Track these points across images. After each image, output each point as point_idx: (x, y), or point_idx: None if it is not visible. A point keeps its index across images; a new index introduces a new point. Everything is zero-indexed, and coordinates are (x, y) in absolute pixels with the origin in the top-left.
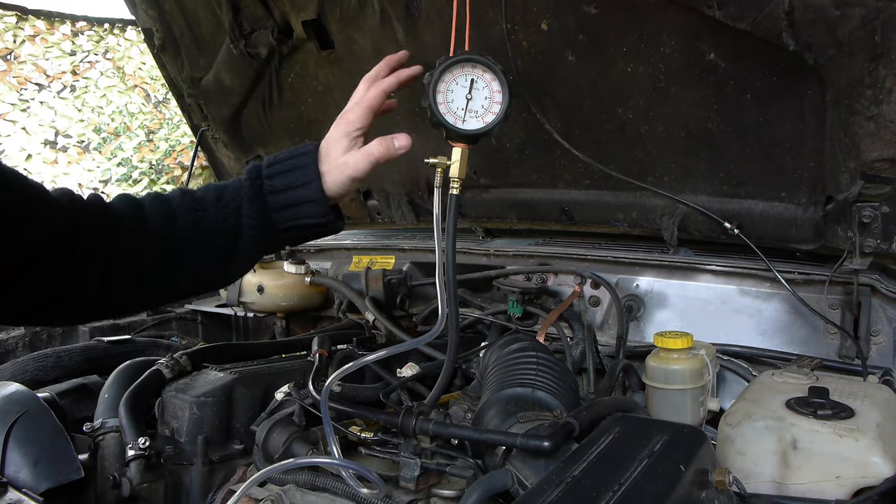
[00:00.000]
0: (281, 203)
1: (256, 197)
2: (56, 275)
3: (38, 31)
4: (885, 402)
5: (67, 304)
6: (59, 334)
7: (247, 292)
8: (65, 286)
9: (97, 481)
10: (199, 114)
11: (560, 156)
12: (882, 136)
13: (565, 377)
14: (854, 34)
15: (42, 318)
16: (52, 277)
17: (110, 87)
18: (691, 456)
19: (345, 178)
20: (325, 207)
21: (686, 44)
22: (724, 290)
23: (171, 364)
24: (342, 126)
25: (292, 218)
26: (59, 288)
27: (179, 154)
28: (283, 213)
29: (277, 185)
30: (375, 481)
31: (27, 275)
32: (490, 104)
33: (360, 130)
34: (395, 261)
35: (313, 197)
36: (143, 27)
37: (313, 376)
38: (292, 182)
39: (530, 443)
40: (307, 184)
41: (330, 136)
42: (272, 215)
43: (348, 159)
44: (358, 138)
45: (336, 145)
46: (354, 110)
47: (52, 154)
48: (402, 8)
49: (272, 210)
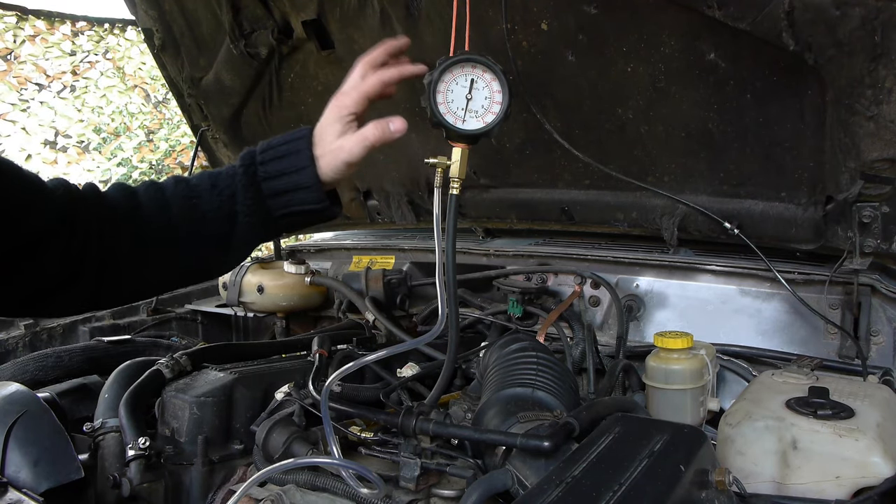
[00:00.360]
0: (275, 189)
1: (251, 184)
2: (53, 264)
3: (38, 31)
4: (885, 402)
5: (64, 294)
6: (60, 334)
7: (247, 292)
8: (62, 276)
9: (97, 481)
10: (200, 114)
11: (560, 156)
12: (882, 136)
13: (565, 377)
14: (854, 34)
15: (39, 309)
16: (49, 267)
17: (110, 87)
18: (691, 456)
19: (339, 162)
20: (321, 193)
21: (686, 44)
22: (724, 290)
23: (171, 364)
24: (335, 110)
25: (287, 204)
26: (57, 278)
27: (179, 154)
28: (277, 199)
29: (271, 171)
30: (375, 481)
31: (24, 265)
32: (490, 104)
33: (353, 115)
34: (395, 261)
35: (308, 183)
36: (143, 27)
37: (313, 376)
38: (286, 168)
39: (530, 443)
40: (301, 169)
41: (324, 120)
42: (267, 202)
43: (343, 143)
44: (351, 123)
45: (330, 129)
46: (350, 94)
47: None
48: (402, 8)
49: (267, 196)
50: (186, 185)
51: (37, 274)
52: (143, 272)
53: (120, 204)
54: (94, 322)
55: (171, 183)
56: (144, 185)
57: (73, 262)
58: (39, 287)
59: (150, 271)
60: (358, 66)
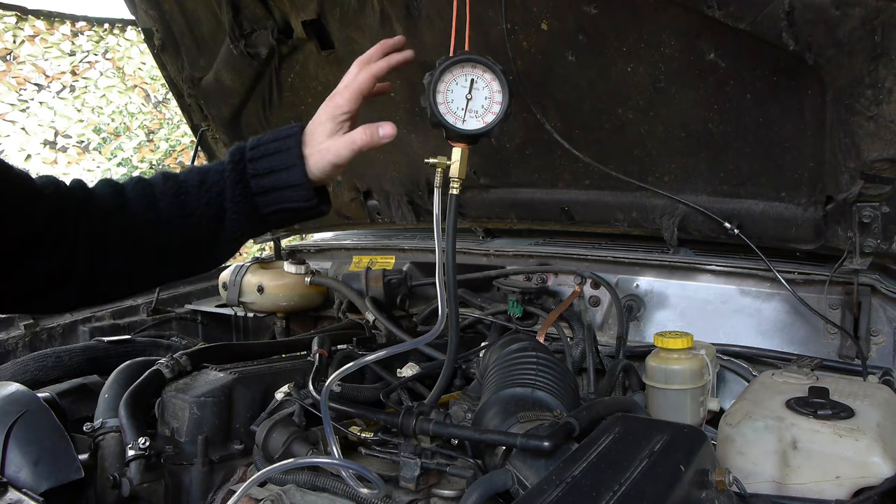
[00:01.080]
0: (264, 187)
1: (239, 180)
2: (45, 263)
3: (38, 31)
4: (885, 402)
5: (57, 292)
6: (60, 334)
7: (247, 292)
8: (54, 274)
9: (97, 481)
10: (200, 114)
11: (560, 156)
12: (882, 136)
13: (565, 377)
14: (854, 34)
15: (32, 307)
16: (41, 266)
17: (110, 87)
18: (691, 456)
19: (326, 163)
20: (310, 192)
21: (686, 44)
22: (724, 290)
23: (171, 364)
24: (329, 109)
25: (276, 202)
26: (49, 276)
27: (180, 154)
28: (266, 196)
29: (260, 168)
30: (375, 481)
31: (16, 264)
32: (490, 104)
33: (347, 114)
34: (396, 261)
35: (297, 181)
36: (143, 27)
37: (313, 376)
38: (275, 165)
39: (530, 443)
40: (290, 167)
41: (316, 119)
42: (255, 199)
43: (331, 145)
44: (344, 122)
45: (321, 128)
46: (343, 93)
47: (51, 154)
48: (401, 8)
49: (255, 194)
50: (175, 181)
51: (29, 274)
52: (134, 267)
53: (108, 200)
54: (94, 322)
55: (160, 179)
56: (132, 181)
57: (64, 260)
58: (32, 286)
59: (140, 266)
60: (353, 66)
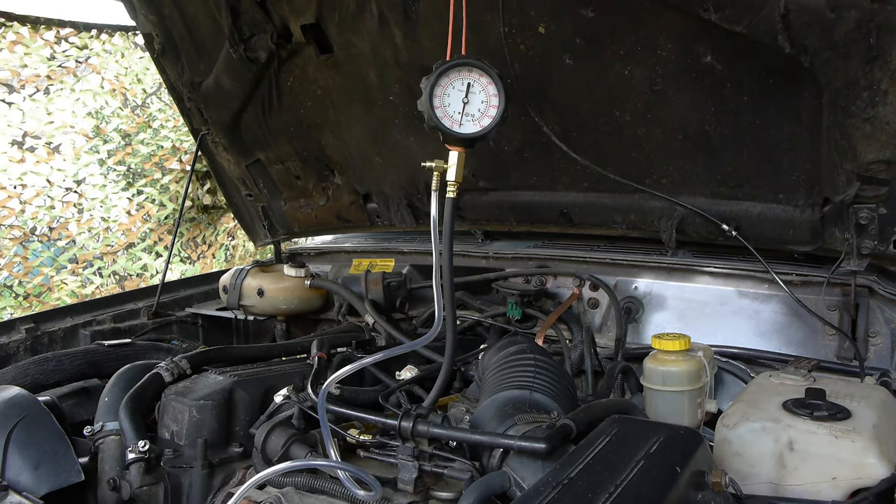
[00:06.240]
0: None
1: None
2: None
3: (20, 38)
4: (881, 404)
5: None
6: (60, 338)
7: (247, 296)
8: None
9: (97, 484)
10: (200, 118)
11: (558, 158)
12: (878, 138)
13: (563, 379)
14: (849, 36)
15: None
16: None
17: (86, 90)
18: (688, 457)
19: None
20: None
21: (683, 47)
22: (722, 292)
23: (171, 367)
24: None
25: None
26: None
27: (161, 159)
28: None
29: None
30: (372, 483)
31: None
32: (486, 108)
33: None
34: (395, 264)
35: None
36: (143, 32)
37: (312, 379)
38: None
39: (527, 445)
40: None
41: None
42: None
43: None
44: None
45: None
46: None
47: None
48: (400, 12)
49: None
50: None
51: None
52: None
53: None
54: (95, 325)
55: None
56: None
57: None
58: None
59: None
60: None
